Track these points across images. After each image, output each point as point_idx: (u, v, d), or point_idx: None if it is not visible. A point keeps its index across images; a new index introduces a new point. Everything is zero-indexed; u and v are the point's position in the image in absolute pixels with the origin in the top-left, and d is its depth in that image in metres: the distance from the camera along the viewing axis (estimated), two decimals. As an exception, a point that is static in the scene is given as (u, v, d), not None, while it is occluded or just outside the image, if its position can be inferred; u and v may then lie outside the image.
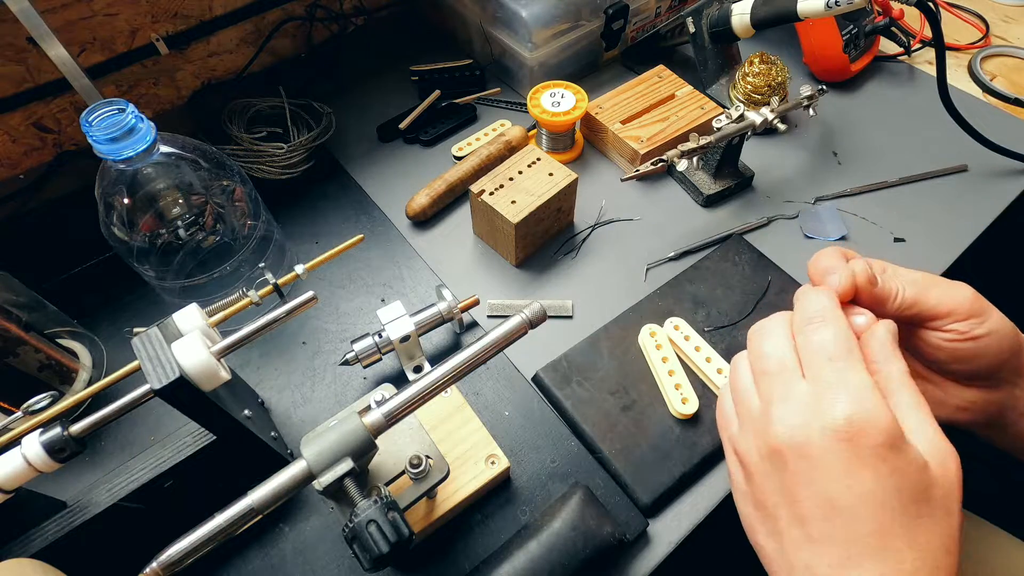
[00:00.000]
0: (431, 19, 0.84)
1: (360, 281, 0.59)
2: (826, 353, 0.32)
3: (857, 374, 0.31)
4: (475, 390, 0.51)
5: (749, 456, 0.34)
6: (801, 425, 0.31)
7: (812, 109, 0.62)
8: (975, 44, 0.80)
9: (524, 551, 0.40)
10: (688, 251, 0.59)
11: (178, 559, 0.30)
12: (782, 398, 0.32)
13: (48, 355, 0.48)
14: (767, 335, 0.36)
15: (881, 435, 0.29)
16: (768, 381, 0.34)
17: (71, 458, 0.34)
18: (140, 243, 0.47)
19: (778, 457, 0.31)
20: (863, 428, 0.29)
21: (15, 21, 0.47)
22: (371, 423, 0.33)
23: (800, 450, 0.30)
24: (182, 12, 0.68)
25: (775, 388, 0.33)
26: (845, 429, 0.29)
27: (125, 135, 0.40)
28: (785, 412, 0.32)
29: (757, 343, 0.36)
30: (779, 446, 0.31)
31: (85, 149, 0.69)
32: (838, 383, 0.31)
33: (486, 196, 0.55)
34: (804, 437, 0.30)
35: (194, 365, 0.34)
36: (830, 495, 0.30)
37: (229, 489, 0.33)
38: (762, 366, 0.35)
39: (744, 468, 0.35)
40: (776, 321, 0.36)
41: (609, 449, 0.47)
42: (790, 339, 0.35)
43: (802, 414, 0.31)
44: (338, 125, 0.69)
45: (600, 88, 0.73)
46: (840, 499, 0.30)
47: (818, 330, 0.33)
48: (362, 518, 0.31)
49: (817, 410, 0.30)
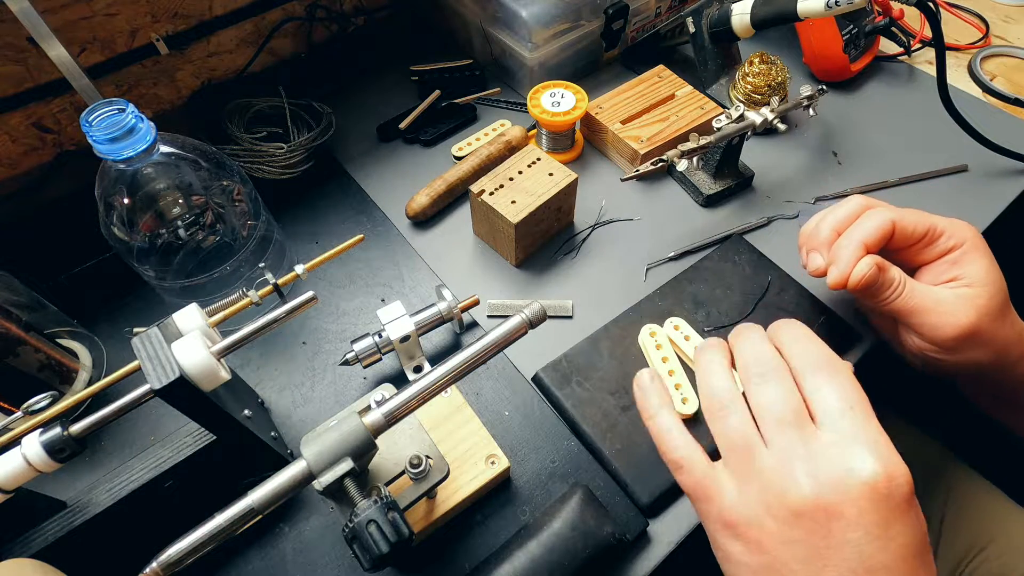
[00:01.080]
0: (431, 19, 0.84)
1: (360, 281, 0.59)
2: (848, 402, 0.30)
3: (875, 424, 0.30)
4: (475, 390, 0.51)
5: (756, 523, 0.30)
6: (835, 483, 0.29)
7: (812, 109, 0.62)
8: (975, 44, 0.80)
9: (524, 551, 0.40)
10: (688, 251, 0.59)
11: (178, 559, 0.30)
12: (807, 453, 0.30)
13: (48, 355, 0.48)
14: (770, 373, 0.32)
15: (909, 486, 0.29)
16: (782, 434, 0.31)
17: (71, 458, 0.34)
18: (140, 243, 0.47)
19: (806, 520, 0.29)
20: (896, 481, 0.28)
21: (15, 21, 0.47)
22: (371, 423, 0.33)
23: (834, 511, 0.28)
24: (182, 12, 0.68)
25: (795, 440, 0.30)
26: (883, 484, 0.28)
27: (125, 135, 0.40)
28: (814, 468, 0.29)
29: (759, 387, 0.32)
30: (807, 507, 0.29)
31: (85, 149, 0.69)
32: (862, 437, 0.29)
33: (486, 196, 0.55)
34: (840, 496, 0.28)
35: (194, 365, 0.34)
36: (865, 556, 0.28)
37: (229, 489, 0.33)
38: (772, 414, 0.31)
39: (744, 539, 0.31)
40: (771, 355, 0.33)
41: (609, 449, 0.47)
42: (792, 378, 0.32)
43: (833, 471, 0.29)
44: (338, 125, 0.69)
45: (600, 88, 0.73)
46: (875, 557, 0.28)
47: (835, 376, 0.31)
48: (362, 518, 0.31)
49: (849, 466, 0.29)
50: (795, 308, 0.54)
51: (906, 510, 0.29)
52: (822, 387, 0.31)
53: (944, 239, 0.42)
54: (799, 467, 0.30)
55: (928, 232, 0.42)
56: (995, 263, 0.42)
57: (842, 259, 0.41)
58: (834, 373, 0.32)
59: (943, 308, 0.40)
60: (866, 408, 0.31)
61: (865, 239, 0.41)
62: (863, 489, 0.28)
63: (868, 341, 0.53)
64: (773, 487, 0.30)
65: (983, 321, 0.40)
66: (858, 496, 0.28)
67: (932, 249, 0.42)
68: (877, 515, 0.28)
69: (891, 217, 0.42)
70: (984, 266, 0.41)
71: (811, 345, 0.33)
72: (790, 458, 0.30)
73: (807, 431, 0.30)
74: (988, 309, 0.40)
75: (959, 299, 0.40)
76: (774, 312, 0.53)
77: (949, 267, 0.42)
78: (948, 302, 0.40)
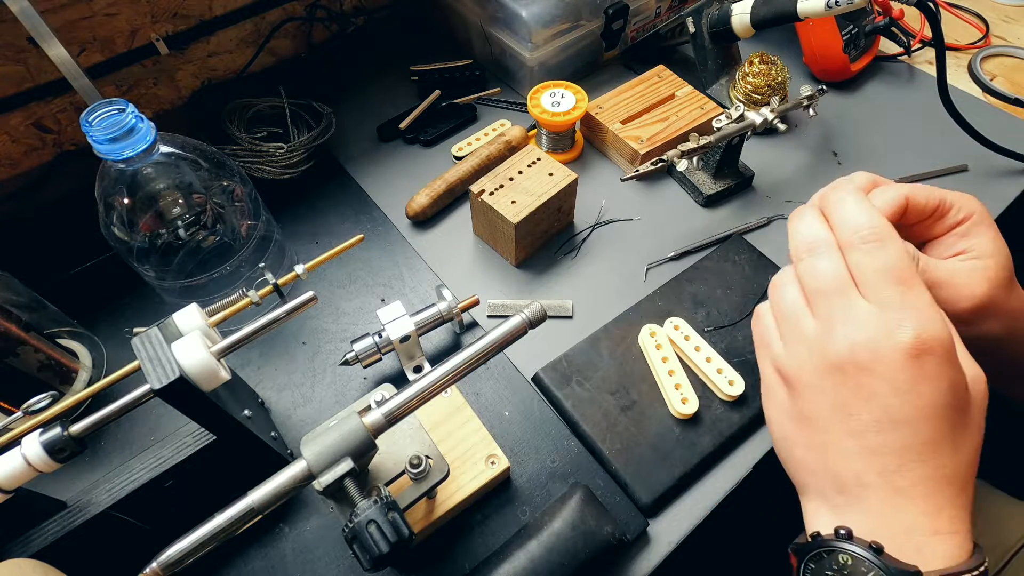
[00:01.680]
0: (431, 19, 0.84)
1: (360, 281, 0.59)
2: (891, 275, 0.32)
3: (921, 294, 0.32)
4: (475, 390, 0.51)
5: (799, 373, 0.34)
6: (868, 342, 0.31)
7: (812, 109, 0.62)
8: (975, 44, 0.80)
9: (524, 551, 0.40)
10: (688, 251, 0.59)
11: (178, 559, 0.30)
12: (845, 318, 0.32)
13: (48, 355, 0.48)
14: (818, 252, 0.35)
15: (945, 350, 0.30)
16: (826, 301, 0.33)
17: (71, 458, 0.34)
18: (140, 243, 0.47)
19: (839, 373, 0.32)
20: (930, 344, 0.30)
21: (15, 21, 0.47)
22: (371, 423, 0.33)
23: (865, 365, 0.31)
24: (182, 12, 0.68)
25: (835, 308, 0.33)
26: (914, 346, 0.30)
27: (125, 135, 0.40)
28: (851, 330, 0.32)
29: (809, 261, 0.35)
30: (842, 362, 0.31)
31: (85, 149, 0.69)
32: (904, 304, 0.31)
33: (486, 196, 0.55)
34: (872, 354, 0.31)
35: (194, 365, 0.34)
36: (890, 408, 0.31)
37: (229, 489, 0.33)
38: (817, 284, 0.34)
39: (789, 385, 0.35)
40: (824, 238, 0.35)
41: (609, 449, 0.47)
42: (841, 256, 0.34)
43: (869, 332, 0.31)
44: (338, 125, 0.69)
45: (600, 88, 0.73)
46: (900, 412, 0.31)
47: (877, 250, 0.33)
48: (362, 518, 0.31)
49: (885, 330, 0.31)
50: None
51: (937, 374, 0.30)
52: (865, 261, 0.33)
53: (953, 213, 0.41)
54: (839, 330, 0.32)
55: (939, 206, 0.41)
56: (1000, 234, 0.41)
57: None
58: (880, 245, 0.33)
59: (958, 281, 0.40)
60: (905, 275, 0.32)
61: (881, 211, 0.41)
62: (895, 351, 0.30)
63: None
64: (815, 347, 0.33)
65: (995, 292, 0.39)
66: (890, 357, 0.30)
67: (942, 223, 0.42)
68: (906, 374, 0.30)
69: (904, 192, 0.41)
70: (991, 237, 0.41)
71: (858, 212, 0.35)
72: (832, 323, 0.32)
73: (850, 298, 0.32)
74: (999, 280, 0.40)
75: (972, 271, 0.40)
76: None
77: (958, 240, 0.41)
78: (962, 274, 0.40)
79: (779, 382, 0.36)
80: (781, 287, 0.36)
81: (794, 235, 0.37)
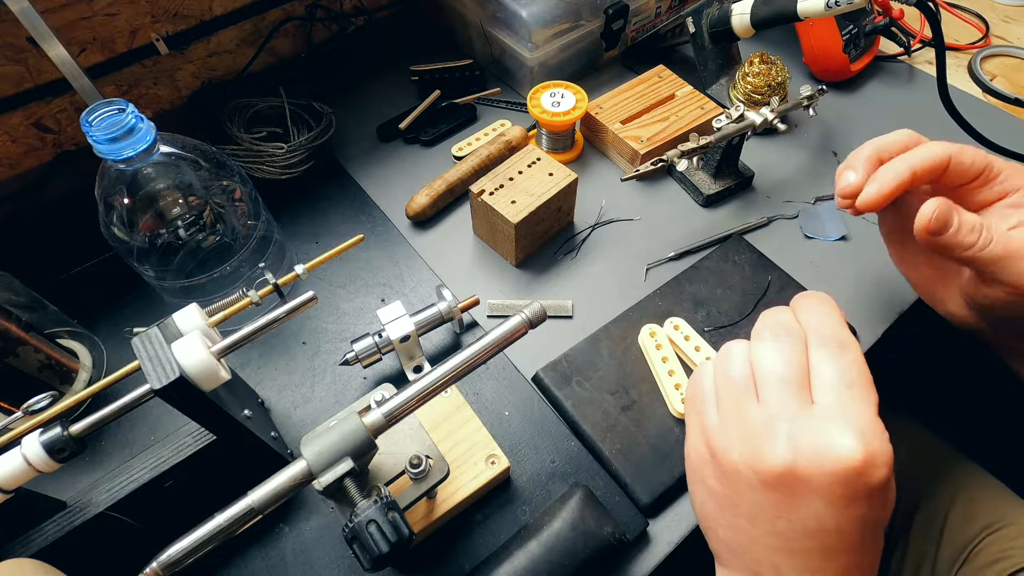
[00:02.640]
0: (431, 19, 0.84)
1: (360, 281, 0.59)
2: (847, 379, 0.31)
3: (870, 407, 0.30)
4: (475, 390, 0.51)
5: (728, 456, 0.32)
6: (812, 454, 0.29)
7: (812, 109, 0.62)
8: (975, 44, 0.80)
9: (524, 551, 0.40)
10: (688, 251, 0.59)
11: (178, 559, 0.30)
12: (794, 417, 0.30)
13: (48, 355, 0.48)
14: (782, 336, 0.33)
15: (886, 471, 0.29)
16: (777, 390, 0.31)
17: (71, 458, 0.34)
18: (140, 243, 0.47)
19: (775, 480, 0.30)
20: (873, 464, 0.29)
21: (15, 21, 0.47)
22: (371, 423, 0.33)
23: (803, 479, 0.29)
24: (182, 12, 0.68)
25: (784, 401, 0.31)
26: (858, 467, 0.29)
27: (125, 135, 0.40)
28: (797, 434, 0.30)
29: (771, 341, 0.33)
30: (781, 470, 0.30)
31: (85, 149, 0.69)
32: (852, 416, 0.30)
33: (486, 196, 0.55)
34: (813, 467, 0.29)
35: (194, 365, 0.34)
36: (822, 518, 0.30)
37: (229, 489, 0.33)
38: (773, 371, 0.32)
39: (716, 462, 0.33)
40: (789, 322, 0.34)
41: (609, 449, 0.47)
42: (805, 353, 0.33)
43: (815, 442, 0.29)
44: (338, 125, 0.68)
45: (600, 88, 0.73)
46: (831, 522, 0.30)
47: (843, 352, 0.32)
48: (362, 518, 0.31)
49: (830, 441, 0.29)
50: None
51: (876, 492, 0.29)
52: (825, 361, 0.32)
53: (1000, 180, 0.39)
54: (782, 428, 0.30)
55: (985, 170, 0.39)
56: None
57: (885, 178, 0.38)
58: (841, 350, 0.32)
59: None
60: (864, 390, 0.31)
61: (915, 165, 0.39)
62: (838, 465, 0.29)
63: (868, 341, 0.53)
64: (753, 439, 0.31)
65: None
66: (830, 471, 0.29)
67: (987, 190, 0.40)
68: (844, 490, 0.29)
69: (948, 151, 0.39)
70: None
71: (825, 319, 0.33)
72: (777, 418, 0.31)
73: (801, 398, 0.31)
74: None
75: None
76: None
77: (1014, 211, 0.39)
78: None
79: (707, 456, 0.34)
80: (730, 357, 0.34)
81: (765, 317, 0.35)
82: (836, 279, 0.57)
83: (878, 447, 0.29)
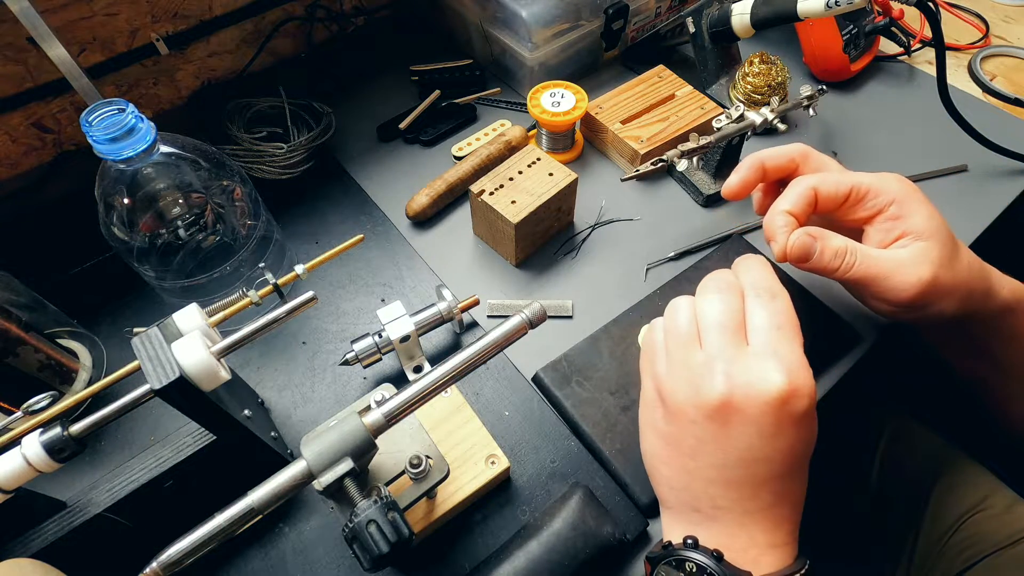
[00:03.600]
0: (431, 19, 0.84)
1: (360, 281, 0.59)
2: (776, 322, 0.35)
3: (796, 346, 0.34)
4: (475, 390, 0.51)
5: (675, 397, 0.36)
6: (744, 386, 0.33)
7: (812, 109, 0.62)
8: (975, 44, 0.80)
9: (524, 551, 0.40)
10: (688, 251, 0.59)
11: (178, 559, 0.30)
12: (730, 357, 0.34)
13: (48, 355, 0.48)
14: (723, 289, 0.37)
15: (808, 401, 0.33)
16: (717, 335, 0.35)
17: (71, 458, 0.34)
18: (140, 243, 0.47)
19: (713, 411, 0.34)
20: (796, 396, 0.33)
21: (15, 21, 0.47)
22: (371, 423, 0.33)
23: (738, 407, 0.34)
24: (182, 12, 0.68)
25: (722, 344, 0.35)
26: (784, 396, 0.33)
27: (125, 135, 0.40)
28: (732, 371, 0.34)
29: (712, 294, 0.37)
30: (718, 402, 0.34)
31: (85, 149, 0.69)
32: (782, 353, 0.34)
33: (486, 196, 0.55)
34: (745, 396, 0.33)
35: (194, 365, 0.34)
36: (754, 448, 0.34)
37: (229, 489, 0.33)
38: (713, 319, 0.36)
39: (665, 406, 0.37)
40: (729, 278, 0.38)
41: (609, 449, 0.47)
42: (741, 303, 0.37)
43: (747, 377, 0.34)
44: (338, 125, 0.69)
45: (600, 88, 0.73)
46: (762, 451, 0.34)
47: (769, 301, 0.36)
48: (362, 518, 0.31)
49: (762, 376, 0.33)
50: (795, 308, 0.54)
51: (800, 421, 0.33)
52: (758, 308, 0.36)
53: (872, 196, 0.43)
54: (719, 367, 0.34)
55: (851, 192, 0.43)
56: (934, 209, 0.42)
57: (777, 234, 0.43)
58: (771, 297, 0.36)
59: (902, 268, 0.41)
60: (791, 331, 0.35)
61: (790, 209, 0.43)
62: (766, 396, 0.33)
63: (869, 341, 0.53)
64: (695, 379, 0.35)
65: (940, 272, 0.40)
66: (761, 401, 0.33)
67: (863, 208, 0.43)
68: (772, 418, 0.33)
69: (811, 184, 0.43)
70: (925, 215, 0.41)
71: (759, 273, 0.38)
72: (716, 359, 0.35)
73: (737, 341, 0.35)
74: (942, 259, 0.41)
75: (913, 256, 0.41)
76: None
77: (893, 224, 0.42)
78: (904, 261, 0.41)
79: (657, 400, 0.38)
80: (677, 310, 0.38)
81: (708, 277, 0.39)
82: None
83: (802, 380, 0.33)
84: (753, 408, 0.33)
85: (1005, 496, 0.55)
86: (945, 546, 0.54)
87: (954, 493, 0.57)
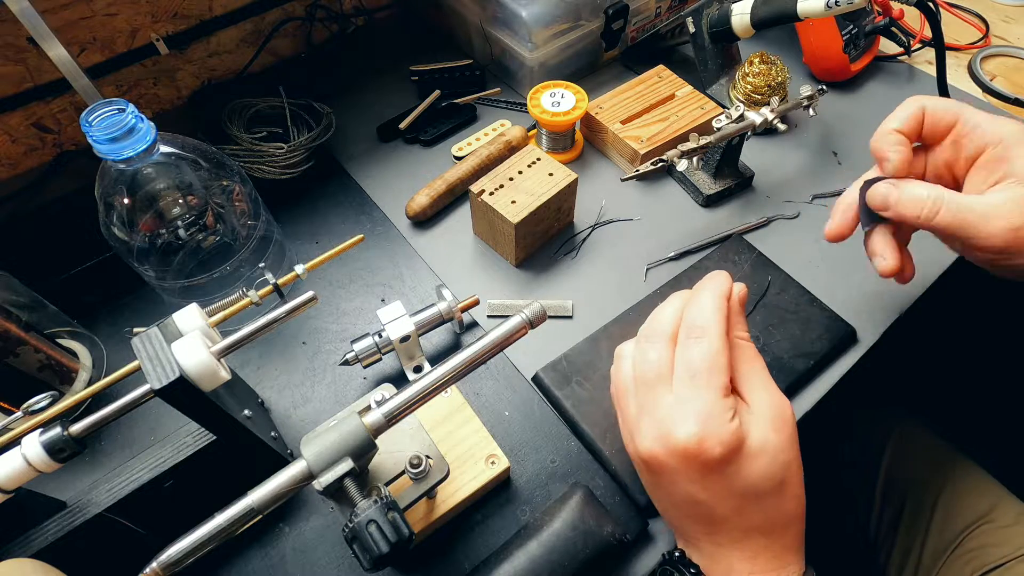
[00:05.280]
0: (431, 19, 0.84)
1: (360, 281, 0.59)
2: (691, 370, 0.35)
3: (711, 392, 0.34)
4: (475, 390, 0.51)
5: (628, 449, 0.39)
6: (662, 438, 0.34)
7: (812, 109, 0.62)
8: (975, 44, 0.80)
9: (524, 551, 0.40)
10: (688, 251, 0.59)
11: (178, 559, 0.30)
12: (649, 411, 0.36)
13: (48, 355, 0.48)
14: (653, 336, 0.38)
15: (722, 450, 0.33)
16: (644, 391, 0.36)
17: (71, 458, 0.34)
18: (140, 243, 0.47)
19: (646, 463, 0.36)
20: (706, 445, 0.33)
21: (15, 21, 0.47)
22: (371, 423, 0.33)
23: (661, 460, 0.35)
24: (182, 12, 0.68)
25: (647, 399, 0.36)
26: (694, 445, 0.33)
27: (125, 135, 0.40)
28: (647, 427, 0.35)
29: (644, 342, 0.38)
30: (647, 455, 0.35)
31: (85, 149, 0.69)
32: (691, 400, 0.34)
33: (486, 196, 0.55)
34: (664, 449, 0.34)
35: (194, 365, 0.34)
36: (690, 492, 0.35)
37: (229, 489, 0.33)
38: (640, 374, 0.37)
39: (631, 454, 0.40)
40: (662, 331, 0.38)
41: (609, 449, 0.47)
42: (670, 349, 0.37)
43: (658, 431, 0.35)
44: (338, 125, 0.69)
45: (600, 88, 0.73)
46: (699, 496, 0.34)
47: (694, 344, 0.36)
48: (362, 518, 0.31)
49: (669, 429, 0.34)
50: (795, 308, 0.54)
51: (718, 468, 0.33)
52: (680, 355, 0.36)
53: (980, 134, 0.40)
54: (646, 421, 0.36)
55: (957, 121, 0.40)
56: None
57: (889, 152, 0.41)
58: (695, 342, 0.36)
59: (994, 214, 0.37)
60: (708, 377, 0.34)
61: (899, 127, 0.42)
62: (678, 446, 0.34)
63: (868, 341, 0.53)
64: (631, 431, 0.37)
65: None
66: (676, 451, 0.34)
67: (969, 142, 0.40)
68: (691, 465, 0.34)
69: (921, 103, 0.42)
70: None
71: (695, 309, 0.37)
72: (643, 413, 0.36)
73: (661, 391, 0.36)
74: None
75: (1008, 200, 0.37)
76: (774, 312, 0.53)
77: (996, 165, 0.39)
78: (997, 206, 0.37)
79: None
80: (621, 359, 0.40)
81: (648, 319, 0.39)
82: (836, 279, 0.57)
83: (713, 428, 0.33)
84: (672, 459, 0.34)
85: (1012, 507, 0.54)
86: (951, 556, 0.54)
87: (961, 502, 0.56)
